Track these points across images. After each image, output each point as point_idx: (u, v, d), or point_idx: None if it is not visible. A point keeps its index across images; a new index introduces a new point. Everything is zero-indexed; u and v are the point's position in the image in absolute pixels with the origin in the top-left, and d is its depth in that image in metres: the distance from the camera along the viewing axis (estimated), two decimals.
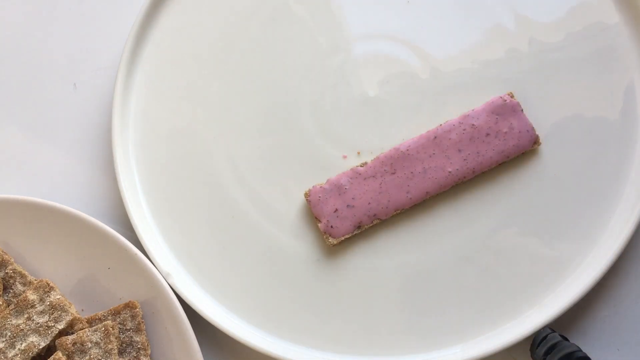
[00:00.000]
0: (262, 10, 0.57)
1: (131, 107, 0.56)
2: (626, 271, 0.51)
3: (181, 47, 0.57)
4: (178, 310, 0.49)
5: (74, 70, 0.58)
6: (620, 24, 0.53)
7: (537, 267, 0.50)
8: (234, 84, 0.56)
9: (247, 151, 0.54)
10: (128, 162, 0.54)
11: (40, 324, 0.48)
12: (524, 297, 0.50)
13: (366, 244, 0.52)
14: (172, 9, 0.57)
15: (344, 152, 0.53)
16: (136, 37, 0.56)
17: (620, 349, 0.50)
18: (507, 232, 0.51)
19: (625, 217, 0.50)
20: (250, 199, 0.53)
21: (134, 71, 0.56)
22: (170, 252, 0.53)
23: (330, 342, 0.50)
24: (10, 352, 0.47)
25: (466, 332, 0.49)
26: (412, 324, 0.50)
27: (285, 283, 0.52)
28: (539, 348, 0.47)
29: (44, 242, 0.52)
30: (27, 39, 0.60)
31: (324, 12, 0.56)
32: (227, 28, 0.57)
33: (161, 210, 0.54)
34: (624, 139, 0.51)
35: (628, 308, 0.50)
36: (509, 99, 0.51)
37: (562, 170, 0.51)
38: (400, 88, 0.54)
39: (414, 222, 0.52)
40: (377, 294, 0.51)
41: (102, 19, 0.59)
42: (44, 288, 0.49)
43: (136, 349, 0.48)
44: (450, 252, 0.51)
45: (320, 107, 0.55)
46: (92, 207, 0.55)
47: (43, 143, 0.57)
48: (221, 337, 0.51)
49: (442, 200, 0.52)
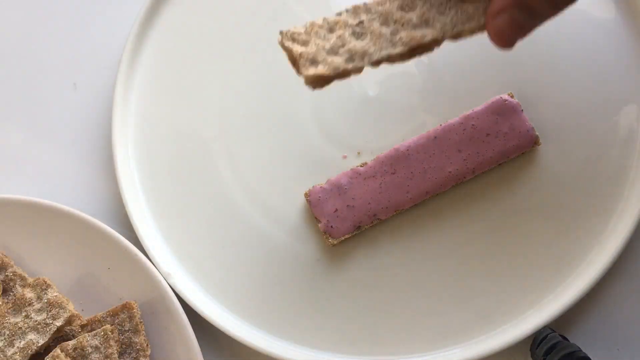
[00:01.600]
0: (262, 10, 0.57)
1: (131, 107, 0.56)
2: (626, 271, 0.51)
3: (181, 47, 0.57)
4: (178, 310, 0.49)
5: (74, 70, 0.59)
6: (621, 24, 0.53)
7: (537, 267, 0.50)
8: (234, 84, 0.56)
9: (247, 151, 0.54)
10: (128, 162, 0.54)
11: (38, 321, 0.48)
12: (524, 297, 0.50)
13: (366, 244, 0.52)
14: (172, 9, 0.57)
15: (344, 152, 0.53)
16: (136, 37, 0.56)
17: (620, 349, 0.49)
18: (507, 232, 0.51)
19: (625, 217, 0.50)
20: (250, 199, 0.53)
21: (134, 71, 0.56)
22: (171, 253, 0.53)
23: (330, 342, 0.50)
24: (10, 351, 0.47)
25: (466, 332, 0.49)
26: (412, 324, 0.50)
27: (285, 283, 0.52)
28: (539, 348, 0.47)
29: (44, 242, 0.52)
30: (27, 39, 0.60)
31: (324, 12, 0.56)
32: (227, 28, 0.57)
33: (161, 210, 0.54)
34: (624, 139, 0.51)
35: (628, 308, 0.50)
36: (509, 99, 0.51)
37: (562, 170, 0.51)
38: (400, 88, 0.54)
39: (414, 222, 0.52)
40: (377, 294, 0.51)
41: (102, 19, 0.59)
42: (41, 286, 0.49)
43: (135, 350, 0.48)
44: (450, 252, 0.51)
45: (320, 107, 0.55)
46: (92, 207, 0.55)
47: (43, 143, 0.57)
48: (221, 337, 0.51)
49: (442, 200, 0.52)
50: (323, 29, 0.40)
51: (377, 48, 0.39)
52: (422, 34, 0.39)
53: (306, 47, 0.38)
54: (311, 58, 0.38)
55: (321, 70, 0.38)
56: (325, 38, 0.39)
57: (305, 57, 0.38)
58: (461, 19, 0.39)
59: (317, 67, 0.38)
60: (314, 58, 0.38)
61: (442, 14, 0.40)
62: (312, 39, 0.39)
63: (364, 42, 0.39)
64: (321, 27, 0.40)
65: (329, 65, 0.38)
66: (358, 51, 0.39)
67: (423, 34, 0.39)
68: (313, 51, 0.38)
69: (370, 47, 0.39)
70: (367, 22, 0.39)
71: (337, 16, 0.40)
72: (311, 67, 0.38)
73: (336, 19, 0.39)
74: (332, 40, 0.39)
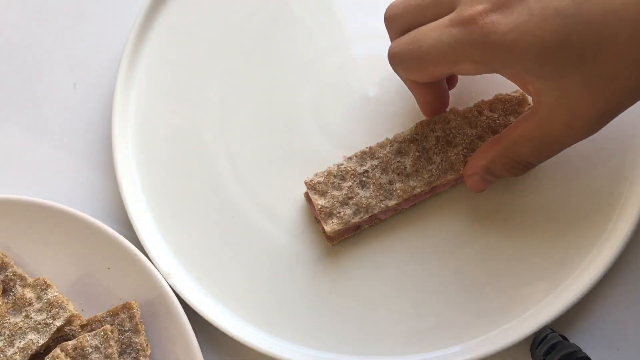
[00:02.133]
0: (262, 10, 0.57)
1: (131, 107, 0.56)
2: (626, 271, 0.51)
3: (181, 47, 0.57)
4: (178, 310, 0.49)
5: (74, 70, 0.59)
6: None
7: (536, 267, 0.50)
8: (234, 84, 0.56)
9: (247, 151, 0.54)
10: (128, 162, 0.54)
11: (38, 321, 0.48)
12: (524, 297, 0.50)
13: (366, 244, 0.52)
14: (172, 9, 0.57)
15: (344, 152, 0.53)
16: (136, 37, 0.56)
17: (620, 349, 0.49)
18: (507, 232, 0.51)
19: (625, 217, 0.49)
20: (250, 199, 0.53)
21: (134, 71, 0.56)
22: (171, 252, 0.53)
23: (330, 342, 0.50)
24: (10, 351, 0.47)
25: (466, 332, 0.49)
26: (412, 324, 0.50)
27: (285, 283, 0.52)
28: (539, 348, 0.47)
29: (44, 242, 0.52)
30: (27, 39, 0.60)
31: (324, 12, 0.57)
32: (227, 28, 0.57)
33: (161, 210, 0.54)
34: (624, 139, 0.51)
35: (628, 308, 0.50)
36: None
37: (562, 170, 0.51)
38: (400, 88, 0.54)
39: (414, 223, 0.52)
40: (377, 294, 0.51)
41: (102, 19, 0.59)
42: (41, 286, 0.49)
43: (135, 350, 0.48)
44: (451, 252, 0.51)
45: (320, 107, 0.55)
46: (92, 207, 0.55)
47: (43, 143, 0.57)
48: (221, 337, 0.51)
49: (442, 200, 0.52)
50: (337, 177, 0.50)
51: (378, 201, 0.49)
52: (412, 187, 0.49)
53: (324, 198, 0.49)
54: (328, 212, 0.49)
55: (337, 227, 0.49)
56: (339, 187, 0.50)
57: (324, 211, 0.49)
58: (444, 168, 0.50)
59: (333, 220, 0.49)
60: (330, 211, 0.49)
61: (429, 161, 0.50)
62: (329, 191, 0.50)
63: (367, 194, 0.49)
64: (335, 177, 0.50)
65: (342, 220, 0.49)
66: (363, 204, 0.49)
67: (413, 187, 0.49)
68: (329, 205, 0.49)
69: (372, 200, 0.49)
70: (371, 171, 0.50)
71: (348, 162, 0.50)
72: (329, 221, 0.49)
73: (347, 167, 0.50)
74: (343, 191, 0.49)
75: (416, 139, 0.50)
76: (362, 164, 0.50)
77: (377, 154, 0.50)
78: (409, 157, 0.50)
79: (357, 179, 0.50)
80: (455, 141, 0.50)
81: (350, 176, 0.50)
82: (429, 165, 0.50)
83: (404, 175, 0.50)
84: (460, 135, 0.50)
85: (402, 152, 0.50)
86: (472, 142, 0.50)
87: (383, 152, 0.50)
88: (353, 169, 0.50)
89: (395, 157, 0.50)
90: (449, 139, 0.50)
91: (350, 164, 0.50)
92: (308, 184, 0.50)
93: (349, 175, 0.50)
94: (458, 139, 0.50)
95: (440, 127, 0.50)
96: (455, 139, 0.50)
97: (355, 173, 0.50)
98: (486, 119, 0.50)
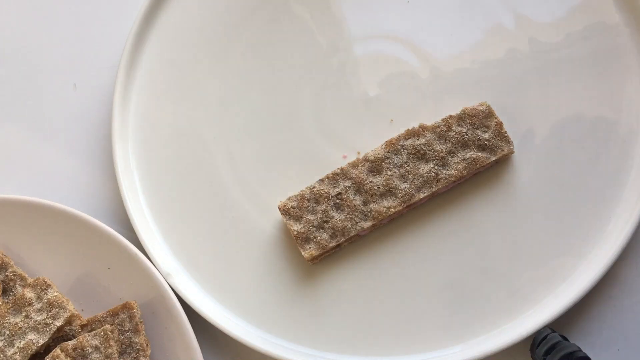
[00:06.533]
0: (262, 10, 0.57)
1: (131, 107, 0.56)
2: (626, 271, 0.51)
3: (181, 47, 0.57)
4: (178, 310, 0.49)
5: (74, 70, 0.59)
6: (620, 24, 0.53)
7: (537, 267, 0.50)
8: (234, 84, 0.56)
9: (247, 151, 0.54)
10: (128, 162, 0.54)
11: (38, 321, 0.48)
12: (523, 297, 0.50)
13: (366, 245, 0.52)
14: (172, 9, 0.57)
15: (344, 152, 0.53)
16: (136, 37, 0.56)
17: (620, 349, 0.49)
18: (507, 232, 0.51)
19: (625, 218, 0.50)
20: (250, 199, 0.53)
21: (134, 71, 0.56)
22: (170, 252, 0.53)
23: (330, 342, 0.50)
24: (10, 350, 0.47)
25: (466, 332, 0.49)
26: (411, 324, 0.50)
27: (285, 283, 0.52)
28: (539, 348, 0.47)
29: (44, 242, 0.52)
30: (27, 39, 0.60)
31: (324, 12, 0.56)
32: (227, 28, 0.57)
33: (161, 210, 0.54)
34: (624, 139, 0.51)
35: (628, 308, 0.50)
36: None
37: (562, 170, 0.51)
38: (400, 88, 0.54)
39: (414, 223, 0.52)
40: (376, 294, 0.51)
41: (102, 19, 0.59)
42: (41, 286, 0.49)
43: (135, 350, 0.48)
44: (451, 252, 0.51)
45: (320, 107, 0.55)
46: (92, 207, 0.55)
47: (43, 143, 0.57)
48: (221, 337, 0.51)
49: (441, 200, 0.52)
50: (311, 201, 0.50)
51: (353, 223, 0.50)
52: (387, 207, 0.50)
53: (299, 223, 0.50)
54: (304, 237, 0.50)
55: (315, 253, 0.49)
56: (313, 211, 0.50)
57: (300, 237, 0.50)
58: (417, 186, 0.50)
59: (311, 246, 0.50)
60: (307, 236, 0.50)
61: (402, 179, 0.50)
62: (304, 215, 0.50)
63: (342, 216, 0.50)
64: (309, 200, 0.50)
65: (319, 245, 0.50)
66: (339, 228, 0.50)
67: (388, 208, 0.50)
68: (305, 230, 0.50)
69: (348, 223, 0.50)
70: (344, 193, 0.50)
71: (320, 184, 0.50)
72: (307, 246, 0.50)
73: (320, 190, 0.50)
74: (318, 215, 0.50)
75: (387, 157, 0.50)
76: (335, 186, 0.50)
77: (350, 174, 0.50)
78: (381, 175, 0.50)
79: (331, 201, 0.50)
80: (426, 157, 0.50)
81: (324, 199, 0.50)
82: (402, 184, 0.50)
83: (377, 196, 0.50)
84: (431, 152, 0.50)
85: (374, 171, 0.50)
86: (443, 159, 0.50)
87: (355, 172, 0.50)
88: (326, 191, 0.50)
89: (367, 176, 0.50)
90: (420, 156, 0.50)
91: (322, 186, 0.50)
92: (282, 209, 0.50)
93: (322, 199, 0.50)
94: (429, 155, 0.50)
95: (410, 144, 0.50)
96: (426, 156, 0.50)
97: (329, 196, 0.50)
98: (455, 134, 0.50)
